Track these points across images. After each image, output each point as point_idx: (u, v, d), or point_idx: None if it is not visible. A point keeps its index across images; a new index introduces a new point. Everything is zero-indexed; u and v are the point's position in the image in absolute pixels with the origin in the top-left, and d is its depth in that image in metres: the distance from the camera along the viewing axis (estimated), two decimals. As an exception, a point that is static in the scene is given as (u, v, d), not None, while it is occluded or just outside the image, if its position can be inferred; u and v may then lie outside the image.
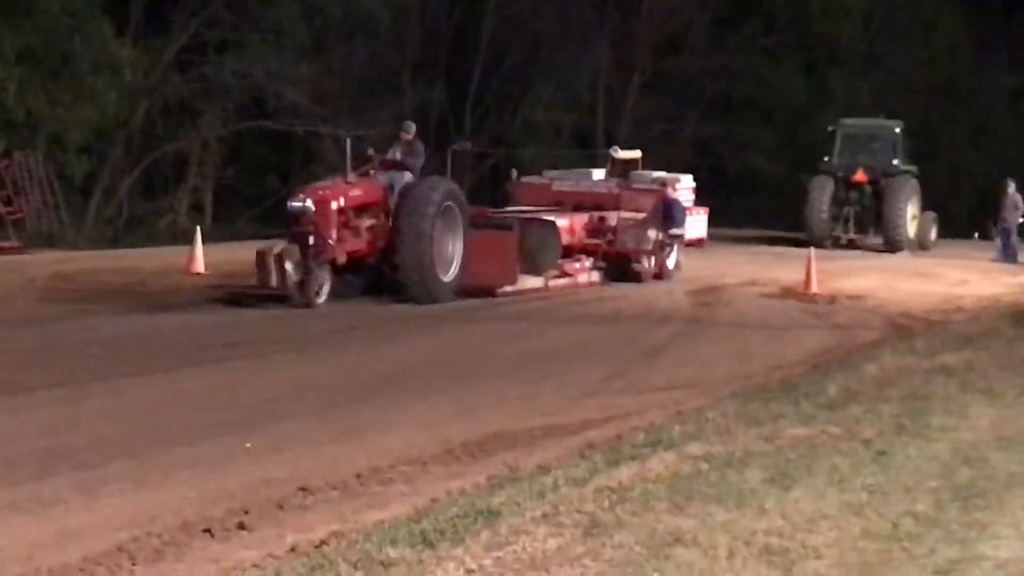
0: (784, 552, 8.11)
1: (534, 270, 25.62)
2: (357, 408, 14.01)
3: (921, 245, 41.66)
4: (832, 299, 26.69)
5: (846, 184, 41.55)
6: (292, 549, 8.25)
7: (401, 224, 22.87)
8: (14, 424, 12.54)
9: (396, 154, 24.40)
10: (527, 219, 26.76)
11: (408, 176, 23.79)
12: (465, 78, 54.66)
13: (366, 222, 23.39)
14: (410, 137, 24.70)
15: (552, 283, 26.44)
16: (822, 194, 41.23)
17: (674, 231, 29.22)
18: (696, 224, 32.42)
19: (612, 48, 56.72)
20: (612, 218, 28.94)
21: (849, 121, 44.02)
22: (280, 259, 20.83)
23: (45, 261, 28.74)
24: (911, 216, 40.92)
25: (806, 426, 12.23)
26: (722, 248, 38.09)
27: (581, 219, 28.68)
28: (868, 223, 42.09)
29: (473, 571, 7.59)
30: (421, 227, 22.71)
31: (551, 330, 21.79)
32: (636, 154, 33.71)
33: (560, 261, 26.97)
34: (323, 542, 8.37)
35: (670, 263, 29.71)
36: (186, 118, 45.02)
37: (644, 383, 16.15)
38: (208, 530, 8.80)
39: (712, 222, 34.75)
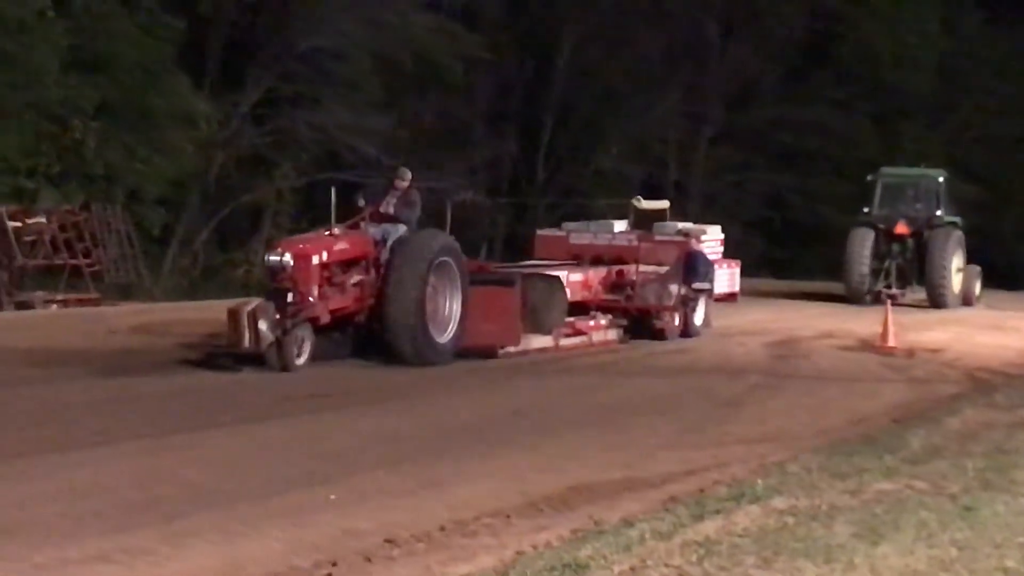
0: (876, 608, 8.05)
1: (538, 328, 23.57)
2: (435, 460, 13.96)
3: (965, 300, 39.61)
4: (910, 353, 26.44)
5: (887, 236, 39.31)
6: (382, 602, 8.26)
7: (390, 279, 20.89)
8: (102, 475, 12.59)
9: (390, 205, 22.14)
10: (530, 274, 24.59)
11: (403, 229, 21.80)
12: (537, 129, 54.83)
13: (353, 277, 21.26)
14: (405, 185, 22.33)
15: (563, 342, 24.61)
16: (862, 247, 38.96)
17: (698, 285, 27.21)
18: (727, 278, 30.68)
19: (683, 100, 56.72)
20: (632, 272, 26.97)
21: (890, 170, 42.13)
22: (253, 318, 18.74)
23: (123, 312, 29.00)
24: (955, 269, 38.76)
25: (891, 480, 12.15)
26: (795, 300, 37.99)
27: (598, 274, 26.91)
28: (910, 277, 39.85)
29: (565, 625, 7.57)
30: (411, 283, 20.77)
31: (623, 382, 21.66)
32: (663, 204, 32.17)
33: (572, 319, 25.03)
34: (412, 595, 8.37)
35: (697, 319, 27.73)
36: (261, 169, 45.27)
37: (723, 436, 16.05)
38: (296, 583, 8.82)
39: (785, 274, 34.60)
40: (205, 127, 42.15)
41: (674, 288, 26.53)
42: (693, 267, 27.00)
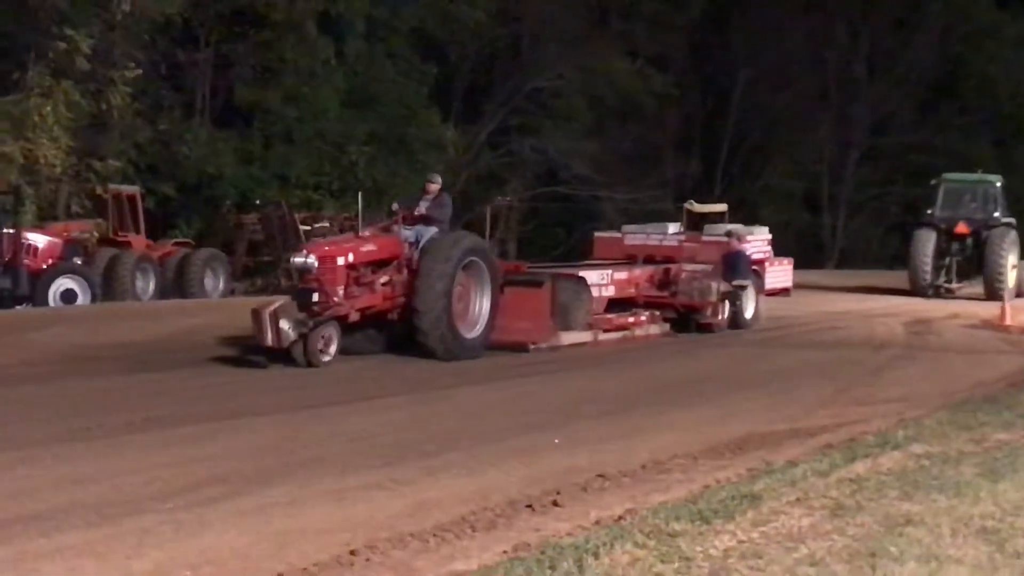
0: (996, 532, 7.84)
1: (566, 325, 20.42)
2: (635, 413, 13.90)
3: (1019, 293, 35.53)
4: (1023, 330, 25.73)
5: (948, 235, 36.08)
6: (596, 522, 8.22)
7: (419, 278, 18.02)
8: (370, 423, 12.85)
9: (422, 208, 19.18)
10: (558, 274, 21.43)
11: (435, 230, 18.84)
12: (715, 152, 54.79)
13: (383, 277, 18.26)
14: (436, 189, 19.50)
15: (602, 337, 21.18)
16: (926, 245, 35.64)
17: (738, 282, 23.74)
18: (780, 274, 26.83)
19: (834, 127, 56.16)
20: (677, 270, 23.70)
21: (952, 176, 38.73)
22: (275, 317, 16.38)
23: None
24: (1011, 266, 35.72)
25: (1008, 432, 11.83)
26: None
27: (645, 272, 23.51)
28: (969, 273, 36.65)
29: (743, 542, 7.48)
30: (438, 281, 17.91)
31: (787, 353, 21.36)
32: (719, 207, 28.78)
33: (613, 315, 21.94)
34: (620, 517, 8.32)
35: (748, 312, 24.39)
36: (494, 184, 45.73)
37: (869, 397, 15.74)
38: (529, 506, 8.81)
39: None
40: (452, 151, 42.77)
41: (714, 284, 23.19)
42: (734, 265, 23.78)
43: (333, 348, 17.00)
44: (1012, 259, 35.43)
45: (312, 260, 17.26)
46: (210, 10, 37.08)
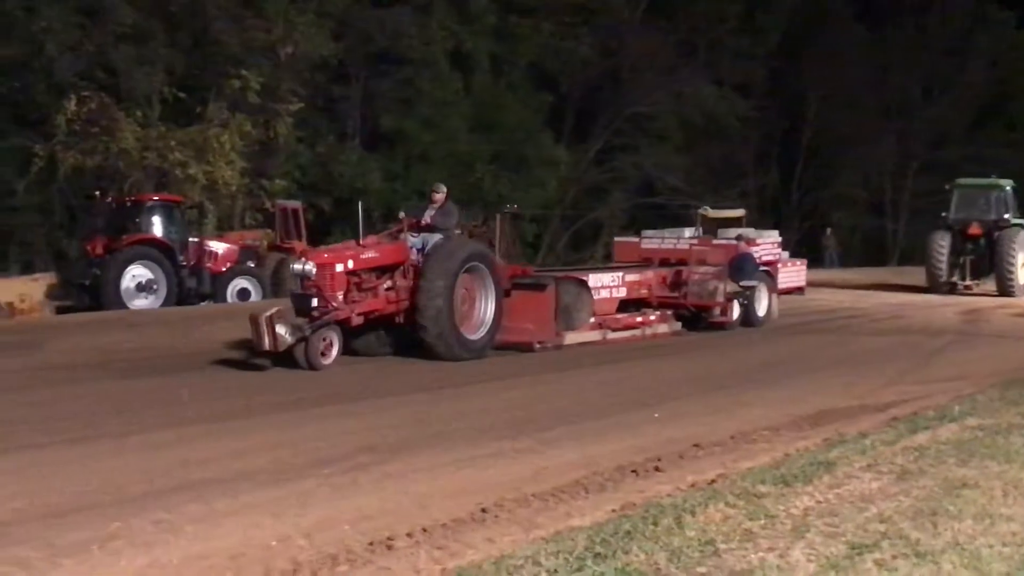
0: (1045, 495, 7.71)
1: (568, 325, 18.62)
2: (722, 393, 13.82)
3: None
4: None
5: (962, 236, 33.97)
6: (692, 485, 8.18)
7: (420, 283, 16.23)
8: (492, 403, 12.90)
9: (428, 216, 17.31)
10: (561, 277, 19.37)
11: (438, 237, 17.03)
12: (791, 165, 54.37)
13: (387, 282, 16.52)
14: (441, 198, 17.45)
15: (611, 336, 19.40)
16: (941, 245, 33.68)
17: (745, 283, 21.66)
18: (793, 274, 24.37)
19: (895, 142, 55.33)
20: (687, 272, 21.56)
21: (965, 180, 36.68)
22: (271, 322, 14.64)
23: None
24: (1021, 264, 33.39)
25: (1054, 408, 11.61)
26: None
27: (658, 274, 21.39)
28: (983, 271, 34.46)
29: (821, 502, 7.41)
30: (438, 286, 16.12)
31: (855, 339, 21.02)
32: (737, 213, 25.85)
33: (623, 315, 20.13)
34: (713, 481, 8.28)
35: (760, 311, 22.38)
36: (599, 196, 45.68)
37: (928, 376, 15.44)
38: (634, 471, 8.80)
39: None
40: (563, 168, 42.78)
41: (721, 285, 21.25)
42: (740, 267, 21.66)
43: (334, 351, 15.38)
44: (1022, 257, 33.45)
45: (311, 267, 15.59)
46: (359, 52, 37.45)
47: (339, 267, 15.76)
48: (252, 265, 27.02)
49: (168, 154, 27.44)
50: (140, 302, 24.05)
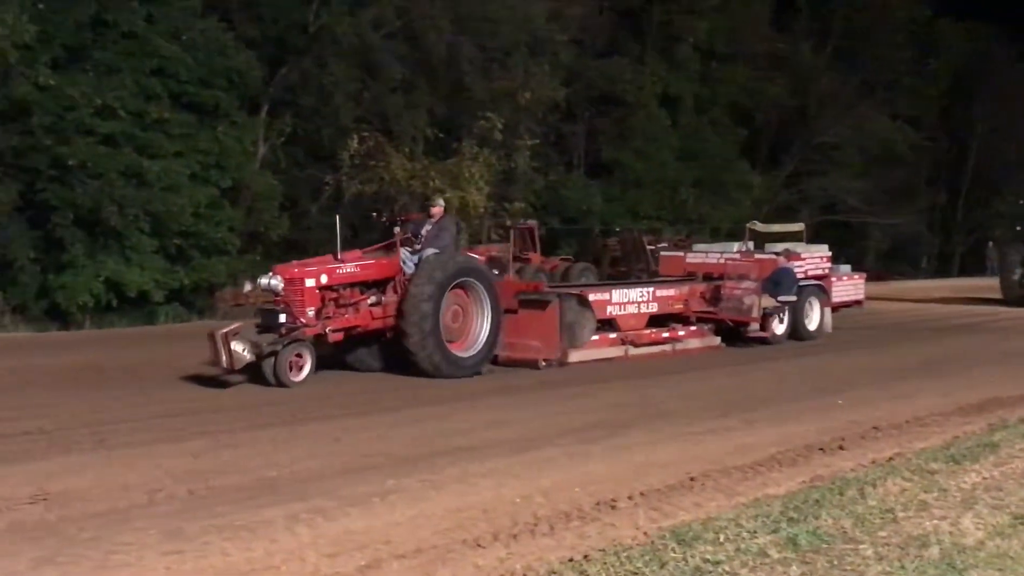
0: None
1: (572, 342, 15.16)
2: (898, 383, 13.24)
3: None
4: None
5: None
6: (872, 462, 7.95)
7: (406, 299, 13.15)
8: (701, 388, 12.77)
9: (423, 231, 14.13)
10: (565, 294, 15.58)
11: (432, 252, 13.84)
12: (958, 187, 52.67)
13: (371, 297, 13.44)
14: (439, 212, 14.42)
15: (634, 352, 16.04)
16: (1016, 257, 29.81)
17: (783, 298, 18.10)
18: (850, 288, 20.69)
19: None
20: (725, 287, 17.84)
21: None
22: (227, 339, 12.01)
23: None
24: None
25: None
26: None
27: (696, 288, 17.67)
28: None
29: (987, 479, 7.14)
30: (422, 302, 13.01)
31: (1018, 339, 19.89)
32: (794, 227, 22.11)
33: (650, 330, 16.57)
34: (891, 458, 8.02)
35: (811, 325, 19.17)
36: (788, 215, 44.64)
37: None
38: (822, 449, 8.62)
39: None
40: (757, 191, 42.15)
41: (757, 300, 17.60)
42: (778, 281, 18.09)
43: (307, 367, 12.55)
44: None
45: (277, 282, 12.84)
46: (584, 95, 37.71)
47: (310, 282, 12.91)
48: (496, 273, 27.45)
49: (429, 182, 28.15)
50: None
